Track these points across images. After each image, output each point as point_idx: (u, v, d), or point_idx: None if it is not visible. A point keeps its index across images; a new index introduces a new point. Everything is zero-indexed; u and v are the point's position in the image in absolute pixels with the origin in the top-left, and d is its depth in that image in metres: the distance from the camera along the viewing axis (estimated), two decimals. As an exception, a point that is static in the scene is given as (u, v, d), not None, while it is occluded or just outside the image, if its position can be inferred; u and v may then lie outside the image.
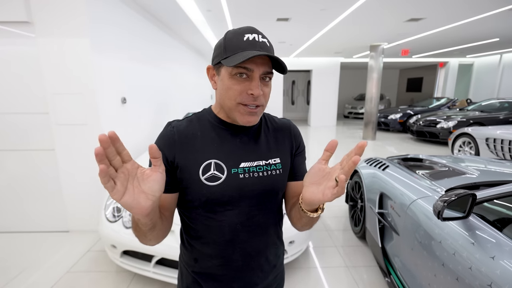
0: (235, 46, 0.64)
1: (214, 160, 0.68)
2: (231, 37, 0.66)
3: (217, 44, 0.69)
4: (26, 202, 2.68)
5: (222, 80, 0.67)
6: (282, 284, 0.85)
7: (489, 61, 10.75)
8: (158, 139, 0.71)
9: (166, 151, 0.68)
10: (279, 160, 0.75)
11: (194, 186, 0.68)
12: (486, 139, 4.59)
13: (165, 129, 0.72)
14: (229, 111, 0.69)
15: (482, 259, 1.06)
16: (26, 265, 2.21)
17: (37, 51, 2.35)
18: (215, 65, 0.69)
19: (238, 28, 0.68)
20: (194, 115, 0.76)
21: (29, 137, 2.54)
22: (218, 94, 0.70)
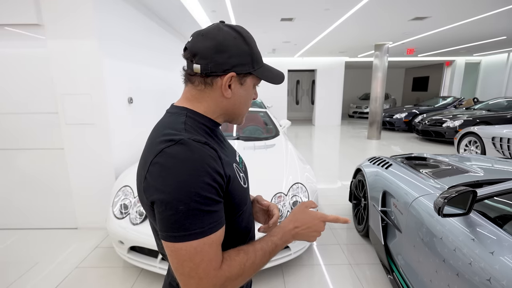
0: (260, 59, 0.66)
1: (234, 164, 0.67)
2: (255, 46, 0.64)
3: (235, 47, 0.60)
4: (37, 200, 2.75)
5: (247, 89, 0.65)
6: None
7: (496, 59, 10.62)
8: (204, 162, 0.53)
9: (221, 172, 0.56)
10: None
11: (241, 194, 0.65)
12: (493, 138, 4.55)
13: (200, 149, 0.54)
14: (238, 117, 0.70)
15: (482, 255, 1.07)
16: (37, 260, 2.28)
17: (47, 52, 2.42)
18: (239, 74, 0.62)
19: (242, 29, 0.64)
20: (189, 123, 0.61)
21: (39, 136, 2.62)
22: (235, 103, 0.65)
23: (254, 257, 0.57)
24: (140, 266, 1.96)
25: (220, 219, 0.54)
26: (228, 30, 0.61)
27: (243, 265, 0.55)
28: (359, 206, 2.72)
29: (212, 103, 0.64)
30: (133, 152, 3.07)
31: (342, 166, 5.29)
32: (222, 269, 0.52)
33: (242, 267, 0.54)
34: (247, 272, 0.55)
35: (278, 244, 0.62)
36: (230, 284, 0.53)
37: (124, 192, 2.15)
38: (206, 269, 0.50)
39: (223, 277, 0.52)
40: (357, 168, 2.85)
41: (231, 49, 0.59)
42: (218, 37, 0.59)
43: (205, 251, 0.51)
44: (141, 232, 1.90)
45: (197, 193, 0.50)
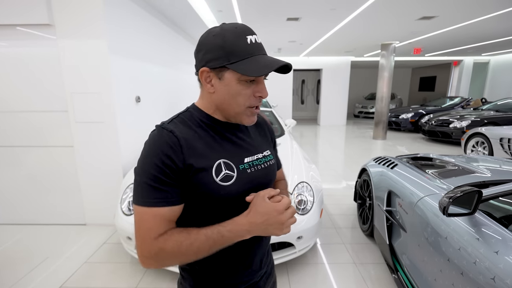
0: (241, 51, 0.62)
1: (222, 160, 0.67)
2: (232, 39, 0.62)
3: (210, 43, 0.64)
4: (46, 196, 2.82)
5: (228, 85, 0.65)
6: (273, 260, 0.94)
7: (506, 59, 10.45)
8: (158, 146, 0.62)
9: (174, 157, 0.61)
10: (269, 152, 0.80)
11: (211, 189, 0.65)
12: (500, 139, 4.50)
13: (160, 133, 0.64)
14: (234, 115, 0.69)
15: (486, 254, 1.08)
16: (47, 255, 2.34)
17: (57, 52, 2.47)
18: (215, 69, 0.64)
19: (231, 25, 0.65)
20: (182, 116, 0.71)
21: (49, 134, 2.68)
22: (219, 98, 0.67)
23: (194, 239, 0.60)
24: (147, 261, 1.99)
25: (166, 198, 0.61)
26: (214, 30, 0.65)
27: (180, 243, 0.59)
28: (364, 205, 2.73)
29: (206, 99, 0.71)
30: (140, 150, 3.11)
31: (347, 166, 5.28)
32: (158, 240, 0.59)
33: (178, 244, 0.59)
34: (184, 251, 0.59)
35: (225, 235, 0.61)
36: (164, 256, 0.59)
37: (132, 189, 2.18)
38: (144, 235, 0.60)
39: (157, 247, 0.59)
40: (362, 168, 2.85)
41: (206, 46, 0.65)
42: (201, 37, 0.67)
43: (145, 219, 0.60)
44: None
45: (147, 170, 0.61)
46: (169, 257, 0.60)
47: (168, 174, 0.61)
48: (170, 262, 0.61)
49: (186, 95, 5.24)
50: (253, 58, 0.63)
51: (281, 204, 0.64)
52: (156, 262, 0.61)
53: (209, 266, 0.73)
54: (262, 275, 0.82)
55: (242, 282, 0.77)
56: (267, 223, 0.63)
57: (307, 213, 2.06)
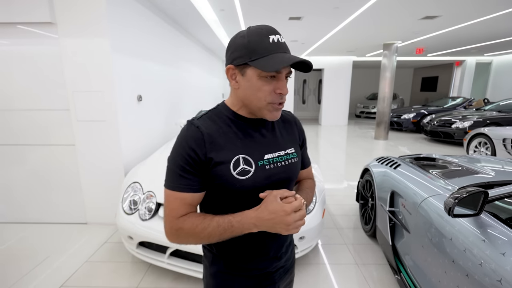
0: (263, 49, 0.67)
1: (241, 155, 0.72)
2: (256, 39, 0.68)
3: (237, 43, 0.70)
4: (48, 195, 2.81)
5: (250, 81, 0.70)
6: (295, 258, 0.96)
7: (509, 59, 10.40)
8: (185, 140, 0.71)
9: (198, 150, 0.69)
10: (294, 150, 0.83)
11: (227, 182, 0.71)
12: (503, 139, 4.48)
13: (189, 129, 0.72)
14: (257, 110, 0.73)
15: (493, 256, 1.07)
16: (48, 253, 2.34)
17: (59, 51, 2.46)
18: (239, 66, 0.70)
19: (257, 27, 0.70)
20: (211, 112, 0.77)
21: (51, 132, 2.67)
22: (242, 94, 0.72)
23: (207, 225, 0.67)
24: (149, 261, 1.99)
25: (188, 185, 0.70)
26: (242, 32, 0.71)
27: (196, 225, 0.68)
28: (366, 206, 2.71)
29: (233, 95, 0.77)
30: (142, 149, 3.12)
31: (349, 166, 5.26)
32: (179, 220, 0.69)
33: (194, 226, 0.68)
34: (198, 233, 0.68)
35: (234, 225, 0.67)
36: (183, 234, 0.69)
37: (134, 188, 2.18)
38: (168, 214, 0.71)
39: (177, 225, 0.69)
40: (365, 168, 2.83)
41: (233, 46, 0.71)
42: (231, 39, 0.73)
43: (170, 201, 0.71)
44: (150, 228, 1.93)
45: (176, 159, 0.71)
46: (186, 236, 0.69)
47: (192, 164, 0.69)
48: (187, 240, 0.70)
49: (188, 94, 5.23)
50: (273, 55, 0.67)
51: (290, 206, 0.66)
52: (177, 238, 0.71)
53: (225, 249, 0.80)
54: (278, 267, 0.85)
55: (257, 269, 0.81)
56: (274, 221, 0.66)
57: (309, 214, 2.05)
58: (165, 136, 3.83)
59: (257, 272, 0.81)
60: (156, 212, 2.01)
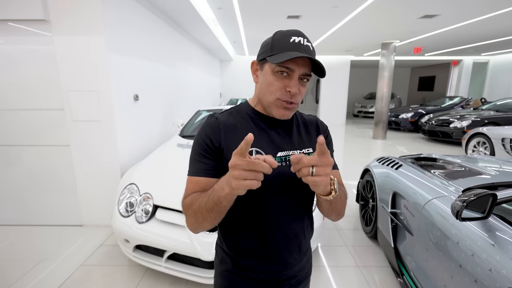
0: (281, 46, 0.70)
1: (254, 149, 0.73)
2: (279, 38, 0.72)
3: (264, 42, 0.75)
4: (42, 197, 2.74)
5: (265, 75, 0.73)
6: (311, 270, 0.92)
7: (505, 59, 10.44)
8: (203, 128, 0.76)
9: (212, 137, 0.73)
10: (312, 150, 0.80)
11: None
12: (502, 139, 4.47)
13: (209, 119, 0.77)
14: (267, 104, 0.75)
15: (503, 261, 1.03)
16: (42, 257, 2.27)
17: (53, 49, 2.40)
18: (260, 61, 0.75)
19: (286, 30, 0.73)
20: (233, 109, 0.82)
21: (45, 133, 2.60)
22: (259, 88, 0.76)
23: (201, 197, 0.68)
24: (146, 265, 1.94)
25: (203, 169, 0.73)
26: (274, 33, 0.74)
27: (193, 199, 0.70)
28: (366, 207, 2.68)
29: (255, 91, 0.80)
30: (139, 149, 3.06)
31: (348, 165, 5.23)
32: (186, 198, 0.73)
33: (192, 200, 0.70)
34: (197, 207, 0.68)
35: (215, 188, 0.65)
36: (187, 212, 0.72)
37: (130, 190, 2.12)
38: (184, 194, 0.75)
39: (184, 203, 0.73)
40: (365, 168, 2.80)
41: (262, 45, 0.76)
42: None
43: (187, 185, 0.75)
44: (146, 230, 1.87)
45: (193, 147, 0.76)
46: (189, 214, 0.71)
47: (207, 150, 0.73)
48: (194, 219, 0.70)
49: (186, 93, 5.17)
50: (287, 52, 0.68)
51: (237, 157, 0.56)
52: (188, 219, 0.73)
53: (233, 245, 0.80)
54: (289, 276, 0.82)
55: (264, 272, 0.79)
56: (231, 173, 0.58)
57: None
58: (163, 137, 3.77)
59: (265, 277, 0.79)
60: (153, 214, 1.96)
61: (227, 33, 6.51)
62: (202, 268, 1.81)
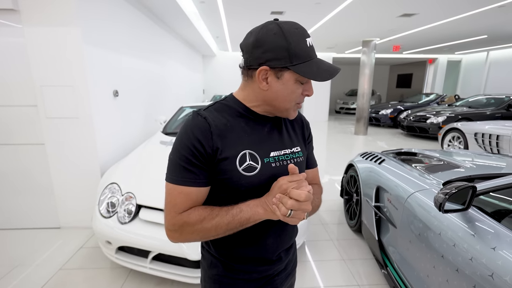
0: (304, 54, 0.65)
1: (248, 151, 0.70)
2: (296, 41, 0.64)
3: (273, 43, 0.64)
4: (15, 198, 2.58)
5: (285, 84, 0.66)
6: (297, 260, 0.95)
7: (476, 58, 10.99)
8: (190, 129, 0.67)
9: (204, 142, 0.66)
10: (299, 149, 0.81)
11: (233, 177, 0.68)
12: (475, 134, 4.70)
13: (195, 119, 0.68)
14: (284, 110, 0.72)
15: (483, 251, 1.07)
16: (16, 263, 2.15)
17: (24, 41, 2.24)
18: (274, 68, 0.65)
19: (291, 25, 0.66)
20: (219, 104, 0.74)
21: (17, 130, 2.45)
22: (271, 95, 0.68)
23: (216, 214, 0.65)
24: (129, 266, 1.87)
25: (194, 179, 0.66)
26: (272, 27, 0.65)
27: (203, 217, 0.65)
28: (351, 201, 2.73)
29: (251, 92, 0.72)
30: (119, 147, 2.94)
31: (331, 161, 5.33)
32: (182, 214, 0.66)
33: (201, 218, 0.65)
34: (206, 224, 0.64)
35: (243, 209, 0.65)
36: (188, 229, 0.65)
37: (111, 189, 2.04)
38: (170, 209, 0.67)
39: (182, 221, 0.65)
40: (349, 163, 2.85)
41: (267, 44, 0.64)
42: (258, 34, 0.66)
43: (173, 195, 0.67)
44: (130, 231, 1.81)
45: (180, 151, 0.67)
46: (191, 231, 0.65)
47: (197, 157, 0.65)
48: (191, 236, 0.67)
49: (168, 89, 5.04)
50: (313, 61, 0.66)
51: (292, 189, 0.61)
52: (180, 236, 0.67)
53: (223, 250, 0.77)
54: (279, 270, 0.83)
55: (256, 272, 0.78)
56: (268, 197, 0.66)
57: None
58: (145, 134, 3.66)
59: (257, 276, 0.78)
60: (137, 214, 1.89)
61: (210, 28, 6.39)
62: (188, 267, 1.78)
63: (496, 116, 6.52)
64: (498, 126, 4.45)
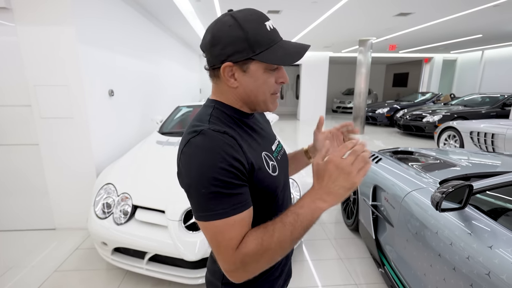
0: (265, 40, 0.60)
1: (264, 152, 0.68)
2: (254, 29, 0.59)
3: (229, 36, 0.59)
4: (9, 200, 2.55)
5: (253, 76, 0.62)
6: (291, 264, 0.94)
7: (471, 57, 11.06)
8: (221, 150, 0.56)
9: (240, 158, 0.58)
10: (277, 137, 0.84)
11: (268, 182, 0.65)
12: (471, 132, 4.73)
13: (213, 136, 0.58)
14: (262, 104, 0.66)
15: (480, 249, 1.08)
16: (11, 264, 2.12)
17: (17, 40, 2.21)
18: (238, 62, 0.60)
19: (245, 13, 0.61)
20: (215, 114, 0.65)
21: (10, 130, 2.41)
22: (244, 91, 0.64)
23: (273, 230, 0.55)
24: (126, 268, 1.86)
25: (243, 201, 0.57)
26: (226, 19, 0.60)
27: (261, 239, 0.55)
28: (348, 200, 2.73)
29: (229, 94, 0.66)
30: (115, 147, 2.92)
31: (328, 160, 5.33)
32: (239, 248, 0.55)
33: (260, 241, 0.54)
34: (267, 245, 0.54)
35: (298, 212, 0.56)
36: (251, 260, 0.55)
37: (107, 190, 2.02)
38: (226, 248, 0.55)
39: (241, 254, 0.54)
40: (346, 162, 2.85)
41: (224, 39, 0.59)
42: (213, 29, 0.61)
43: (226, 231, 0.55)
44: (126, 232, 1.79)
45: (215, 178, 0.54)
46: (256, 259, 0.55)
47: (239, 176, 0.57)
48: (259, 265, 0.56)
49: (164, 88, 5.01)
50: (277, 45, 0.61)
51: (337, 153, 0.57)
52: (246, 272, 0.57)
53: None
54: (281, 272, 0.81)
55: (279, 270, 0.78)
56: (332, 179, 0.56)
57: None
58: (141, 134, 3.63)
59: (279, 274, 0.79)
60: (132, 215, 1.88)
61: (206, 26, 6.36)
62: (185, 268, 1.77)
63: (491, 114, 6.57)
64: (493, 124, 4.48)
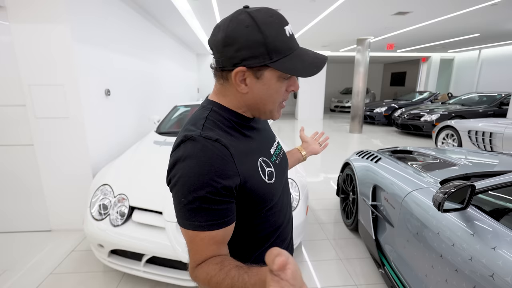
0: (284, 46, 0.55)
1: (261, 158, 0.65)
2: (274, 34, 0.54)
3: (246, 38, 0.53)
4: (4, 201, 2.51)
5: (267, 84, 0.58)
6: None
7: (468, 56, 11.10)
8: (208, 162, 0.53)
9: (230, 172, 0.54)
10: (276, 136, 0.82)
11: (263, 191, 0.62)
12: (469, 131, 4.73)
13: (205, 145, 0.54)
14: (268, 112, 0.63)
15: (483, 250, 1.06)
16: (5, 267, 2.08)
17: (11, 39, 2.17)
18: (252, 68, 0.56)
19: (264, 13, 0.56)
20: (210, 117, 0.61)
21: (4, 131, 2.37)
22: (253, 98, 0.60)
23: (222, 279, 0.51)
24: (122, 270, 1.83)
25: (221, 218, 0.54)
26: (243, 18, 0.55)
27: (210, 277, 0.52)
28: (347, 200, 2.72)
29: (234, 97, 0.62)
30: (111, 148, 2.88)
31: (326, 159, 5.32)
32: (197, 268, 0.55)
33: (208, 278, 0.53)
34: (211, 285, 0.52)
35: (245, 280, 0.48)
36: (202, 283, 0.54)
37: (103, 191, 1.99)
38: (192, 258, 0.56)
39: (194, 274, 0.56)
40: (345, 162, 2.83)
41: (240, 41, 0.54)
42: (227, 28, 0.55)
43: (196, 242, 0.55)
44: (122, 234, 1.76)
45: (195, 190, 0.52)
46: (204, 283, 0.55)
47: (221, 193, 0.54)
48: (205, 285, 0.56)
49: (162, 88, 4.97)
50: (295, 54, 0.57)
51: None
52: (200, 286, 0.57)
53: None
54: None
55: None
56: None
57: (293, 211, 1.99)
58: (138, 134, 3.60)
59: None
60: (129, 216, 1.85)
61: (204, 26, 6.32)
62: (183, 270, 1.74)
63: (489, 113, 6.59)
64: (491, 123, 4.49)
